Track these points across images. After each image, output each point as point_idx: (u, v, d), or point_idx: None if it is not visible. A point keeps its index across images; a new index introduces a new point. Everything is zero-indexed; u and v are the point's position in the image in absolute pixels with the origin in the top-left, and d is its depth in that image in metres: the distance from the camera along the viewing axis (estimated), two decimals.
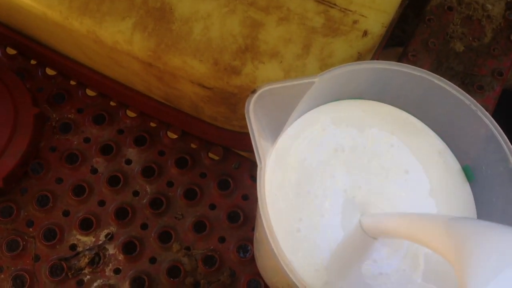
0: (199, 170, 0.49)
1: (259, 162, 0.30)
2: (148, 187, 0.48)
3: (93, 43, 0.39)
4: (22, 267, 0.44)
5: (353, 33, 0.37)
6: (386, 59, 0.71)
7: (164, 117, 0.49)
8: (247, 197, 0.48)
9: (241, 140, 0.47)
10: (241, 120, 0.43)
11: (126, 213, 0.46)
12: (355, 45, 0.38)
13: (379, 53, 0.43)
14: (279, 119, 0.34)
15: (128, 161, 0.49)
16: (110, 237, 0.45)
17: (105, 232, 0.46)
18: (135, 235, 0.46)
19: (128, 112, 0.51)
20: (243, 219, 0.46)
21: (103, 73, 0.47)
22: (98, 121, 0.50)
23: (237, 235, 0.46)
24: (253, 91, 0.32)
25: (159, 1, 0.36)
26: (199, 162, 0.49)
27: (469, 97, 0.33)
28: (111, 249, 0.45)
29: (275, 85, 0.32)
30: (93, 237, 0.45)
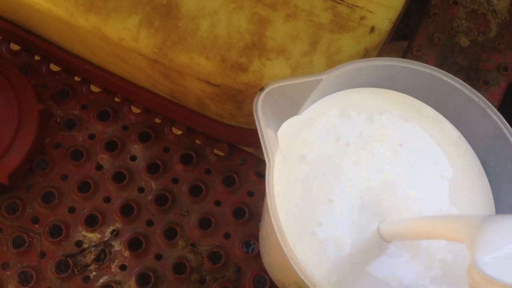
0: (204, 166, 0.48)
1: (267, 159, 0.30)
2: (153, 184, 0.48)
3: (99, 40, 0.38)
4: (28, 264, 0.44)
5: (360, 29, 0.37)
6: (390, 53, 0.71)
7: (169, 114, 0.49)
8: (252, 193, 0.48)
9: (246, 136, 0.46)
10: (247, 116, 0.43)
11: (131, 210, 0.46)
12: (362, 41, 0.37)
13: (385, 48, 0.43)
14: (287, 116, 0.34)
15: (133, 158, 0.49)
16: (115, 234, 0.45)
17: (111, 228, 0.46)
18: (140, 232, 0.46)
19: (132, 108, 0.51)
20: (248, 215, 0.46)
21: (108, 69, 0.46)
22: (102, 117, 0.50)
23: (242, 231, 0.46)
24: (261, 89, 0.32)
25: None
26: (204, 158, 0.49)
27: (478, 94, 0.33)
28: (117, 246, 0.45)
29: (283, 83, 0.32)
30: (98, 234, 0.45)
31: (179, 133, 0.50)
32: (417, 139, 0.35)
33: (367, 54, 0.38)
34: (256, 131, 0.30)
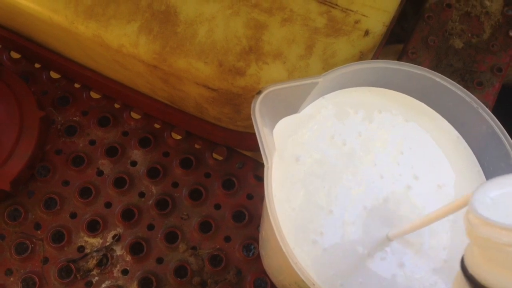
0: (203, 170, 0.49)
1: (266, 161, 0.31)
2: (153, 188, 0.48)
3: (99, 46, 0.39)
4: (31, 270, 0.45)
5: (355, 33, 0.38)
6: (385, 56, 0.72)
7: (168, 119, 0.50)
8: (251, 196, 0.48)
9: (245, 140, 0.47)
10: (245, 120, 0.44)
11: (132, 214, 0.47)
12: (357, 44, 0.38)
13: (380, 51, 0.44)
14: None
15: (133, 163, 0.49)
16: (117, 238, 0.46)
17: (112, 233, 0.46)
18: (142, 236, 0.46)
19: (132, 114, 0.51)
20: (248, 218, 0.47)
21: (107, 75, 0.47)
22: (103, 123, 0.51)
23: (242, 234, 0.47)
24: (258, 92, 0.32)
25: (164, 4, 0.36)
26: (203, 162, 0.49)
27: (470, 95, 0.34)
28: (119, 250, 0.46)
29: (280, 86, 0.33)
30: (100, 239, 0.46)
31: (179, 138, 0.51)
32: (418, 140, 0.35)
33: (362, 57, 0.39)
34: (254, 134, 0.30)
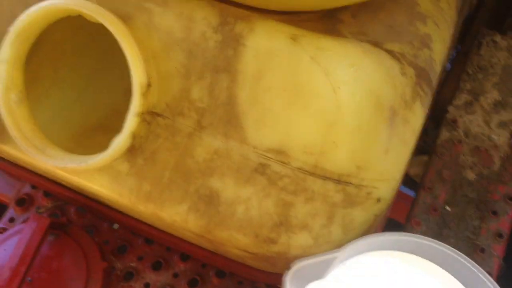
0: None
1: None
2: None
3: (156, 220, 0.47)
4: None
5: (368, 202, 0.45)
6: (413, 166, 0.76)
7: (213, 262, 0.57)
8: None
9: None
10: (281, 269, 0.50)
11: None
12: (370, 210, 0.45)
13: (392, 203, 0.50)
14: None
15: None
16: None
17: None
18: None
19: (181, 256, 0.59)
20: None
21: (161, 229, 0.55)
22: (156, 267, 0.58)
23: None
24: (288, 268, 0.40)
25: (208, 189, 0.45)
26: None
27: (473, 264, 0.40)
28: None
29: (305, 262, 0.40)
30: None
31: (222, 278, 0.57)
32: None
33: (376, 219, 0.46)
34: None
